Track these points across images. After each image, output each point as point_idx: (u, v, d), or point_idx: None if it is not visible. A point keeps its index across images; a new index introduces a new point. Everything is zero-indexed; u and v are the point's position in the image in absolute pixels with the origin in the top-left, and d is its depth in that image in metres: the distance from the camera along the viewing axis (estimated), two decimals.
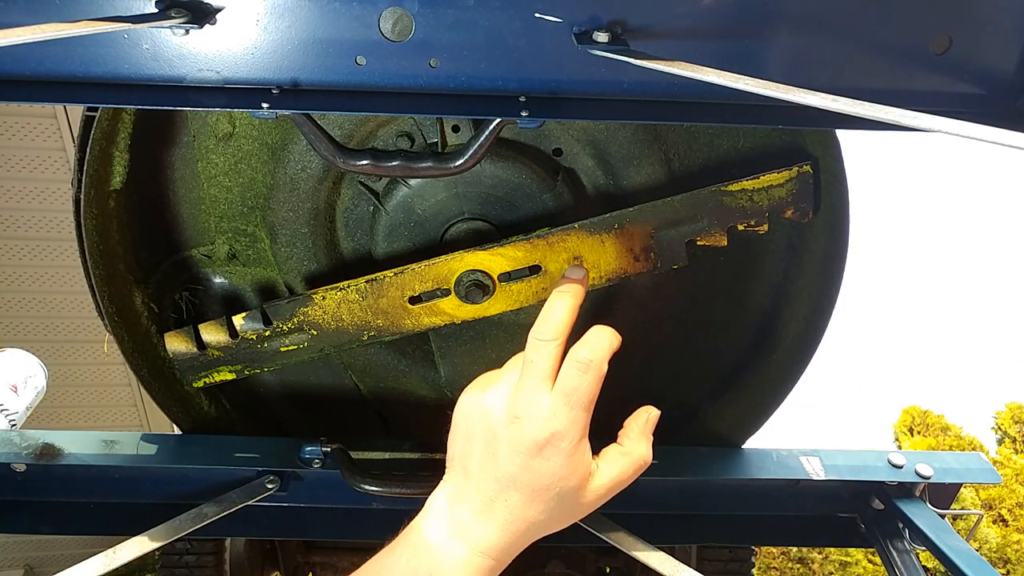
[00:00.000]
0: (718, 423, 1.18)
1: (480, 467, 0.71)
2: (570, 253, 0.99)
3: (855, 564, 8.23)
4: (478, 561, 0.69)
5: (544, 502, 0.70)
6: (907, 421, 10.77)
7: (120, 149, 0.95)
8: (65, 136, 3.67)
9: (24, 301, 4.28)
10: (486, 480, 0.70)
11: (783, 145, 1.03)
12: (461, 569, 0.69)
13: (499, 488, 0.70)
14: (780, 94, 0.58)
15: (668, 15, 0.73)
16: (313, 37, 0.73)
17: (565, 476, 0.70)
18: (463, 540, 0.69)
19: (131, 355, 1.05)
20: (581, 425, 0.70)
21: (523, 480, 0.69)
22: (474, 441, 0.72)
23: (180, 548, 2.00)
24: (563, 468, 0.69)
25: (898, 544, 1.11)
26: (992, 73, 0.78)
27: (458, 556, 0.69)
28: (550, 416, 0.69)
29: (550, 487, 0.69)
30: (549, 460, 0.69)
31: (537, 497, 0.70)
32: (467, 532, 0.70)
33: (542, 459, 0.69)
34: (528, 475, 0.69)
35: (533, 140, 1.02)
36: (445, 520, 0.71)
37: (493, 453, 0.70)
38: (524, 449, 0.69)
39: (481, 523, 0.70)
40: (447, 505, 0.71)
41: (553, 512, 0.71)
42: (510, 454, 0.69)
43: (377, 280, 1.01)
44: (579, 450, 0.70)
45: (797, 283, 1.10)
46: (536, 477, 0.69)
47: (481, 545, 0.69)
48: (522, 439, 0.69)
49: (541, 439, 0.68)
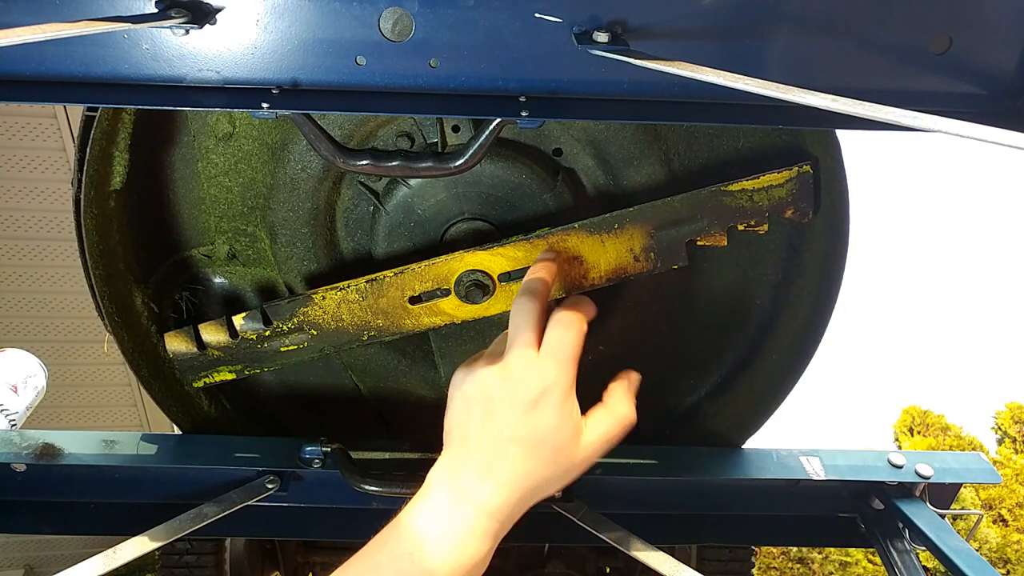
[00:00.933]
0: (718, 423, 1.18)
1: (479, 429, 0.74)
2: (570, 253, 0.99)
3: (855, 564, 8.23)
4: (484, 523, 0.71)
5: (541, 456, 0.74)
6: (907, 421, 10.76)
7: (120, 149, 0.95)
8: (65, 136, 3.67)
9: (24, 301, 4.28)
10: (485, 441, 0.74)
11: (783, 145, 1.03)
12: (468, 532, 0.71)
13: (498, 446, 0.73)
14: (780, 94, 0.58)
15: (668, 15, 0.73)
16: (313, 37, 0.73)
17: (558, 427, 0.74)
18: (468, 503, 0.71)
19: (131, 355, 1.05)
20: (569, 378, 0.76)
21: (520, 434, 0.73)
22: (472, 405, 0.76)
23: (180, 548, 2.00)
24: (556, 419, 0.74)
25: (898, 544, 1.11)
26: (992, 73, 0.78)
27: (464, 519, 0.71)
28: (540, 371, 0.75)
29: (546, 439, 0.74)
30: (543, 412, 0.74)
31: (534, 451, 0.74)
32: (471, 495, 0.72)
33: (537, 412, 0.74)
34: (525, 429, 0.73)
35: (533, 140, 1.02)
36: (447, 488, 0.73)
37: (490, 413, 0.74)
38: (519, 404, 0.74)
39: (484, 484, 0.72)
40: (447, 475, 0.74)
41: (550, 466, 0.75)
42: (506, 409, 0.74)
43: (377, 280, 1.01)
44: (569, 401, 0.76)
45: (797, 283, 1.10)
46: (533, 430, 0.73)
47: (486, 506, 0.72)
48: (516, 395, 0.74)
49: (535, 393, 0.74)
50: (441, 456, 0.77)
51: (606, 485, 1.14)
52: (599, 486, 1.13)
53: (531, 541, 1.45)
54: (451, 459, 0.75)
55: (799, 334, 1.11)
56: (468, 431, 0.75)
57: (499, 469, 0.73)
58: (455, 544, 0.70)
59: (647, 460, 1.11)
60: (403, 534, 0.71)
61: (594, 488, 1.12)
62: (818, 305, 1.09)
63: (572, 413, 0.76)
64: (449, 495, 0.72)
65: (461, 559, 0.70)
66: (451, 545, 0.70)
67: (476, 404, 0.76)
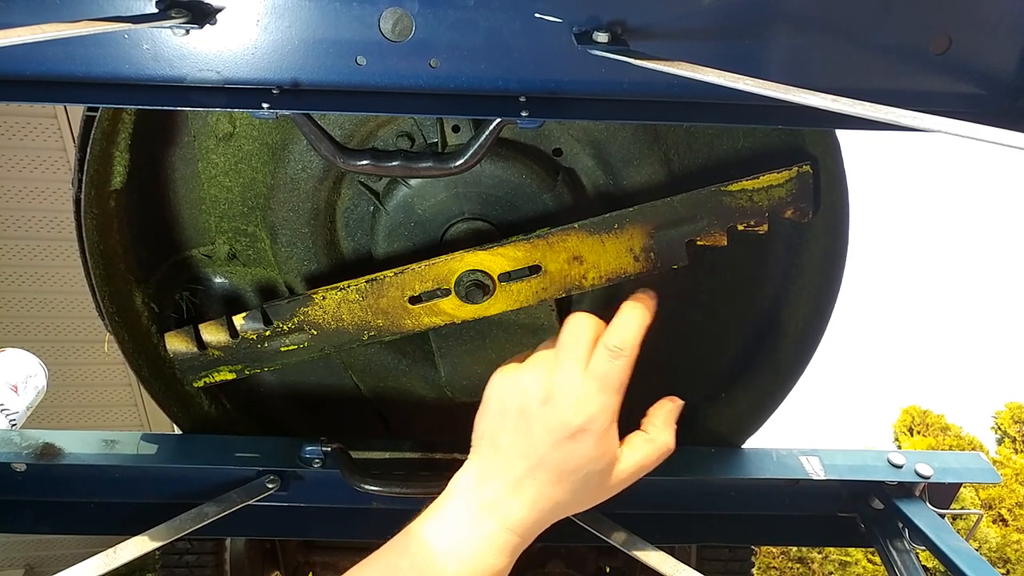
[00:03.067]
0: (718, 423, 1.18)
1: (512, 444, 0.73)
2: (570, 253, 0.99)
3: (855, 564, 8.24)
4: (504, 537, 0.71)
5: (571, 483, 0.72)
6: (907, 421, 10.77)
7: (120, 149, 0.95)
8: (65, 136, 3.67)
9: (24, 301, 4.28)
10: (517, 458, 0.72)
11: (783, 145, 1.03)
12: (489, 544, 0.70)
13: (529, 467, 0.72)
14: (780, 94, 0.58)
15: (668, 15, 0.73)
16: (313, 37, 0.73)
17: (594, 459, 0.72)
18: (492, 516, 0.71)
19: (131, 355, 1.05)
20: (612, 410, 0.73)
21: (553, 460, 0.71)
22: (507, 417, 0.74)
23: (180, 548, 2.00)
24: (592, 451, 0.72)
25: (898, 544, 1.11)
26: (992, 73, 0.78)
27: (487, 531, 0.70)
28: (583, 400, 0.72)
29: (578, 469, 0.72)
30: (580, 443, 0.71)
31: (565, 478, 0.72)
32: (496, 508, 0.71)
33: (573, 442, 0.71)
34: (558, 455, 0.71)
35: (533, 140, 1.02)
36: (474, 496, 0.72)
37: (526, 431, 0.72)
38: (557, 430, 0.71)
39: (510, 500, 0.71)
40: (475, 483, 0.73)
41: (578, 494, 0.73)
42: (543, 434, 0.72)
43: (377, 280, 1.01)
44: (608, 434, 0.73)
45: (797, 283, 1.10)
46: (566, 458, 0.71)
47: (509, 521, 0.71)
48: (556, 421, 0.71)
49: (575, 423, 0.71)
50: (468, 461, 0.75)
51: None
52: None
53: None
54: (479, 467, 0.74)
55: (799, 334, 1.11)
56: (500, 442, 0.73)
57: (527, 488, 0.71)
58: (476, 555, 0.69)
59: None
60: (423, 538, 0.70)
61: None
62: (818, 305, 1.09)
63: (610, 446, 0.73)
64: (473, 504, 0.71)
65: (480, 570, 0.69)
66: (472, 555, 0.69)
67: (512, 417, 0.73)
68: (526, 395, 0.73)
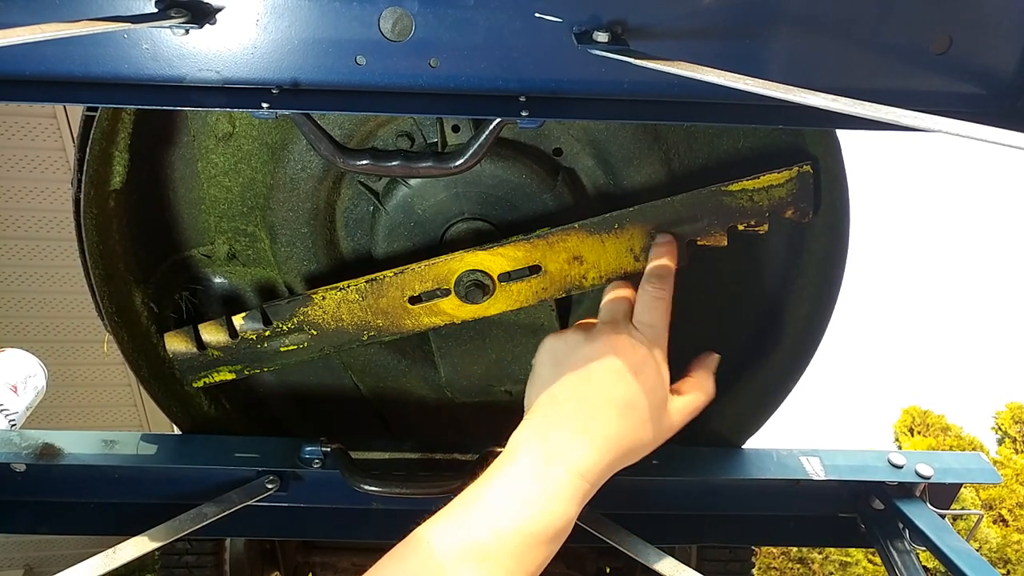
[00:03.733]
0: (718, 423, 1.18)
1: (573, 391, 0.75)
2: (570, 253, 0.99)
3: (855, 564, 8.23)
4: (576, 484, 0.71)
5: (635, 417, 0.75)
6: (907, 421, 10.76)
7: (120, 149, 0.95)
8: (65, 136, 3.67)
9: (24, 301, 4.29)
10: (580, 401, 0.75)
11: (783, 145, 1.03)
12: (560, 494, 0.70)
13: (593, 407, 0.74)
14: (780, 94, 0.58)
15: (668, 15, 0.73)
16: (313, 37, 0.73)
17: (653, 390, 0.77)
18: (560, 463, 0.71)
19: (131, 355, 1.05)
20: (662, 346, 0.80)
21: (616, 395, 0.75)
22: (564, 370, 0.77)
23: (180, 548, 2.00)
24: (651, 382, 0.77)
25: (898, 544, 1.10)
26: (992, 73, 0.78)
27: (557, 481, 0.70)
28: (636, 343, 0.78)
29: (640, 401, 0.76)
30: (640, 376, 0.76)
31: (630, 412, 0.75)
32: (564, 454, 0.71)
33: (632, 376, 0.75)
34: (620, 390, 0.75)
35: (533, 140, 1.02)
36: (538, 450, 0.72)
37: (586, 377, 0.76)
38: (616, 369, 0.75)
39: (578, 443, 0.72)
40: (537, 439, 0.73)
41: (641, 429, 0.76)
42: (604, 373, 0.75)
43: (377, 280, 1.01)
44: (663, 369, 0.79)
45: (797, 283, 1.10)
46: (628, 392, 0.75)
47: (579, 466, 0.71)
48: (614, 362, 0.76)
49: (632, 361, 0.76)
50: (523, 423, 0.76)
51: (606, 485, 1.13)
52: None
53: None
54: (539, 423, 0.75)
55: (799, 334, 1.11)
56: (558, 395, 0.76)
57: (594, 429, 0.73)
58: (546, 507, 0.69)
59: (647, 460, 1.11)
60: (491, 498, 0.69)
61: None
62: (818, 305, 1.09)
63: (665, 381, 0.79)
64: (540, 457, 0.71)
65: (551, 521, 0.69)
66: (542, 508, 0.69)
67: (569, 368, 0.77)
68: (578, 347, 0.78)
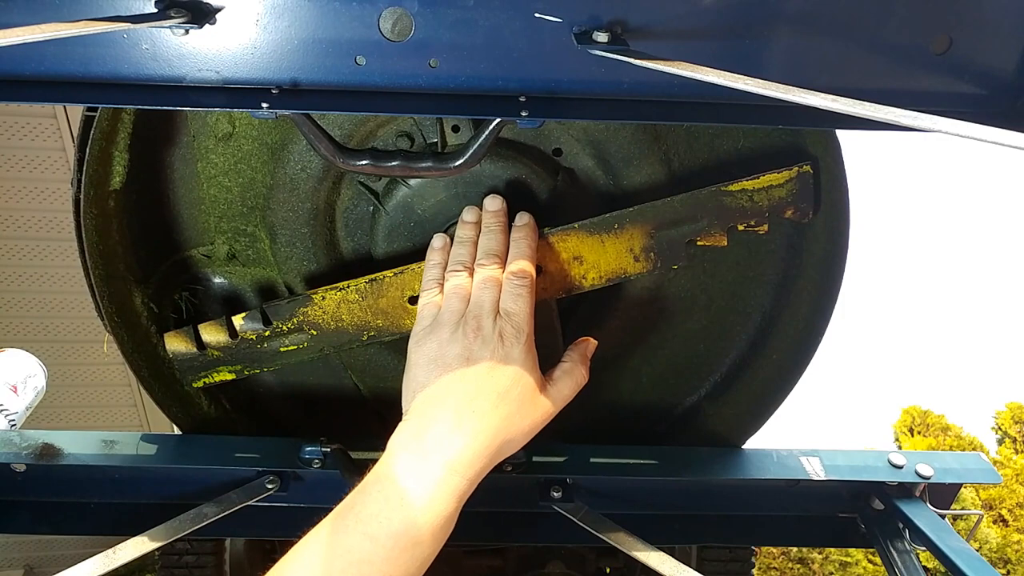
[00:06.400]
0: (718, 423, 1.18)
1: (448, 388, 0.76)
2: (570, 253, 0.99)
3: (855, 564, 8.23)
4: (453, 481, 0.72)
5: (509, 406, 0.76)
6: (907, 421, 10.76)
7: (120, 149, 0.95)
8: (65, 136, 3.67)
9: (24, 301, 4.29)
10: (453, 395, 0.76)
11: (783, 145, 1.03)
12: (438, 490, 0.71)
13: (469, 401, 0.75)
14: (780, 94, 0.58)
15: (668, 15, 0.73)
16: (313, 37, 0.73)
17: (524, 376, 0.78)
18: (439, 458, 0.72)
19: (131, 355, 1.05)
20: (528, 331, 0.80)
21: (488, 387, 0.75)
22: (434, 368, 0.78)
23: (180, 548, 2.01)
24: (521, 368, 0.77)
25: (898, 544, 1.10)
26: (992, 73, 0.78)
27: (433, 475, 0.71)
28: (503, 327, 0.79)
29: (512, 388, 0.76)
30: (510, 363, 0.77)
31: (502, 403, 0.76)
32: (441, 449, 0.72)
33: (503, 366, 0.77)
34: (492, 380, 0.76)
35: (533, 140, 1.02)
36: (415, 445, 0.73)
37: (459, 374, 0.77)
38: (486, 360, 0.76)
39: (453, 437, 0.73)
40: (413, 436, 0.74)
41: (515, 417, 0.77)
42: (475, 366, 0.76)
43: (377, 280, 1.01)
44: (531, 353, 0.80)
45: (797, 283, 1.10)
46: (500, 382, 0.76)
47: (455, 462, 0.72)
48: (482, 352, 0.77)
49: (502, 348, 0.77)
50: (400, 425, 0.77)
51: (606, 485, 1.13)
52: (599, 486, 1.13)
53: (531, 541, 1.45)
54: (416, 420, 0.76)
55: (799, 334, 1.11)
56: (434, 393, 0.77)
57: (467, 421, 0.74)
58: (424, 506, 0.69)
59: (647, 460, 1.11)
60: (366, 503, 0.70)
61: (594, 488, 1.12)
62: (818, 305, 1.09)
63: (535, 365, 0.79)
64: (419, 452, 0.72)
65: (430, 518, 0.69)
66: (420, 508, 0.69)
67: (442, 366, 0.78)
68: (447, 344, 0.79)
